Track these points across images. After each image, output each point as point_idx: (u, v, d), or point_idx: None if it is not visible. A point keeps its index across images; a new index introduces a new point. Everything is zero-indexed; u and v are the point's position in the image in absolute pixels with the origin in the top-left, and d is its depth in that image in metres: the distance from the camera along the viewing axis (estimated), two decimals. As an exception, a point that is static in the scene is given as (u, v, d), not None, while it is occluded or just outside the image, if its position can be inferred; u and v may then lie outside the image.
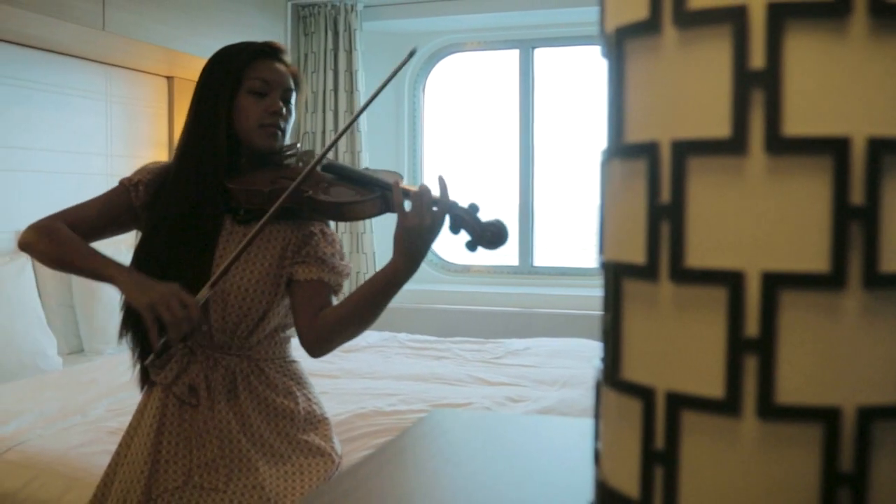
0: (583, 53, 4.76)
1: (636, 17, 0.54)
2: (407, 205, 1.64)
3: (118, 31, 3.32)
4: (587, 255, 4.77)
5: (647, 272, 0.53)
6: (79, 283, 3.45)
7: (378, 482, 0.88)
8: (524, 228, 4.80)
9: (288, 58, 1.90)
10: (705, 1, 0.50)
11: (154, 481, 1.71)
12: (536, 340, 3.77)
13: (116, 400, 2.65)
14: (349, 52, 4.61)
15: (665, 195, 0.52)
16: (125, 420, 2.02)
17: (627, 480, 0.55)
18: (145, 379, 1.80)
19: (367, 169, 1.91)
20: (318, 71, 4.65)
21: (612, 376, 0.57)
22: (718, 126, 0.50)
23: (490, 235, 1.64)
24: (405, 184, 1.74)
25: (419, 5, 4.64)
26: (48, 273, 3.37)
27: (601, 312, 0.58)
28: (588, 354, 3.47)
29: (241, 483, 1.70)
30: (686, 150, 0.51)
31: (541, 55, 4.79)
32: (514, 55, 4.80)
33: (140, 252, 1.80)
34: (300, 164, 1.84)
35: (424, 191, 1.63)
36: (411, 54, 1.75)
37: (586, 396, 2.79)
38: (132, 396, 1.83)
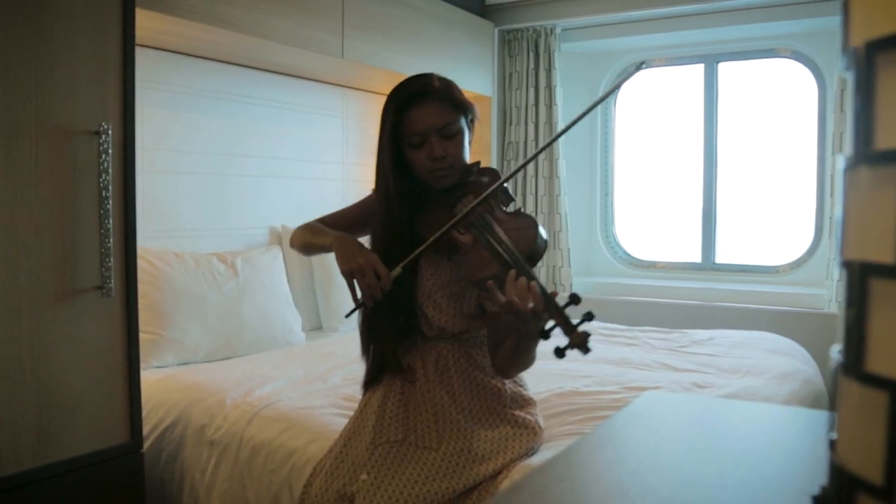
0: (763, 66, 4.54)
1: (888, 30, 0.50)
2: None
3: (354, 58, 3.46)
4: (766, 254, 4.55)
5: (898, 271, 0.50)
6: (319, 269, 3.62)
7: (604, 455, 0.87)
8: (707, 228, 4.62)
9: (438, 83, 1.76)
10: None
11: (378, 434, 1.78)
12: (719, 332, 3.62)
13: (350, 371, 2.76)
14: (548, 71, 4.60)
15: (918, 198, 0.48)
16: (357, 388, 2.11)
17: (869, 467, 0.52)
18: (370, 382, 1.89)
19: (517, 213, 1.77)
20: (521, 88, 4.67)
21: (855, 368, 0.54)
22: (978, 132, 0.46)
23: (577, 343, 1.40)
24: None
25: (611, 27, 4.57)
26: (295, 261, 3.57)
27: (830, 310, 0.55)
28: (768, 347, 3.30)
29: (452, 445, 1.74)
30: (942, 155, 0.47)
31: (724, 68, 4.60)
32: (699, 69, 4.64)
33: None
34: (469, 196, 1.78)
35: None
36: (638, 67, 1.75)
37: (768, 386, 2.66)
38: (364, 368, 1.93)
